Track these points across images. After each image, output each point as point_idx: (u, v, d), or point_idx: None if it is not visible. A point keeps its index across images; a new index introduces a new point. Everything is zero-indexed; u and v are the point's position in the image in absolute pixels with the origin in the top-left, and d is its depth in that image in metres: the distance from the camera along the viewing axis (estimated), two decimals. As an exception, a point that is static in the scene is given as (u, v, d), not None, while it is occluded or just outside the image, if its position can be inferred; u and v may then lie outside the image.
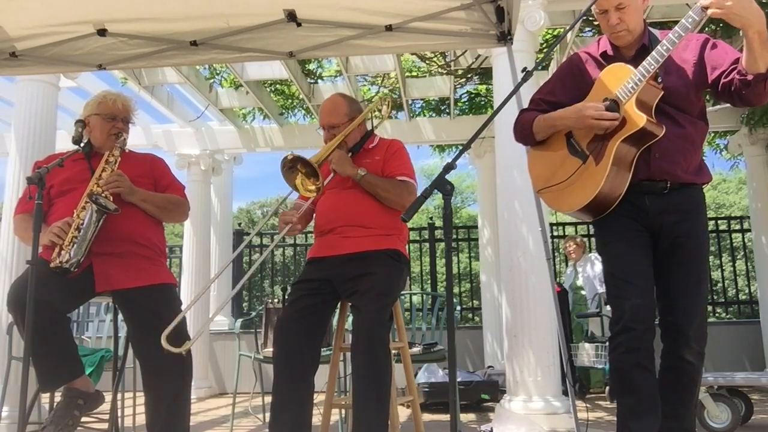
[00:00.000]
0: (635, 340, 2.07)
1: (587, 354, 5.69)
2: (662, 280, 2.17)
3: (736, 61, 2.07)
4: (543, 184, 2.30)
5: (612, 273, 2.19)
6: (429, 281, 9.02)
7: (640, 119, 2.04)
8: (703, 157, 2.33)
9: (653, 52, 2.06)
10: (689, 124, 2.17)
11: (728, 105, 5.88)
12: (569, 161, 2.20)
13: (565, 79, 2.34)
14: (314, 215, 2.81)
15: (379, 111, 2.88)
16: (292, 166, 2.56)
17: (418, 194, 1.84)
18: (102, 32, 3.22)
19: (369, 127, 2.86)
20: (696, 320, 2.12)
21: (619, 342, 2.10)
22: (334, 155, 2.64)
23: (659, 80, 2.11)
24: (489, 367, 6.42)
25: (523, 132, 2.34)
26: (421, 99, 6.82)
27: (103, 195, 2.50)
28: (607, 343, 2.21)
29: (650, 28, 2.25)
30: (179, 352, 2.32)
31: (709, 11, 1.97)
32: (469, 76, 6.10)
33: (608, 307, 6.14)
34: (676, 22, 5.51)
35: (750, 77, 2.00)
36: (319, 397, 2.60)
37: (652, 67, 2.05)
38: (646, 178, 2.14)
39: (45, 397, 2.93)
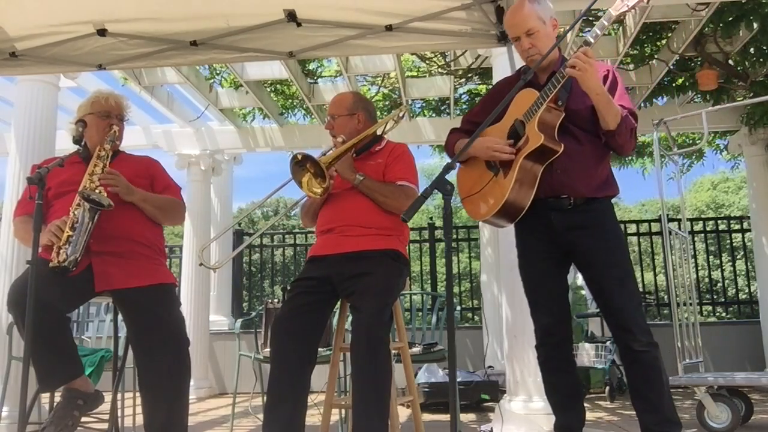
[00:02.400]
0: (552, 351, 2.44)
1: (587, 354, 5.69)
2: (591, 287, 2.42)
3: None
4: (464, 194, 2.55)
5: (525, 294, 2.51)
6: (429, 281, 9.01)
7: (538, 138, 2.26)
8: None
9: (552, 80, 2.27)
10: (590, 143, 2.36)
11: (728, 105, 5.89)
12: (485, 174, 2.44)
13: (489, 103, 2.54)
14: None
15: (394, 121, 2.92)
16: (302, 164, 2.59)
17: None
18: (102, 32, 3.22)
19: (378, 132, 2.87)
20: (631, 316, 2.29)
21: (541, 353, 2.47)
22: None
23: (560, 103, 2.31)
24: (489, 367, 6.42)
25: (448, 152, 2.62)
26: (421, 99, 6.82)
27: (97, 191, 2.49)
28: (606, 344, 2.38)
29: (565, 57, 2.46)
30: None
31: (570, 70, 2.20)
32: (469, 76, 6.10)
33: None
34: (676, 22, 5.51)
35: (603, 130, 2.29)
36: (319, 397, 2.60)
37: (550, 91, 2.26)
38: (551, 194, 2.35)
39: (45, 397, 2.92)
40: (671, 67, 5.48)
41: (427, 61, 5.99)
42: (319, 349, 2.61)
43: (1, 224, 4.23)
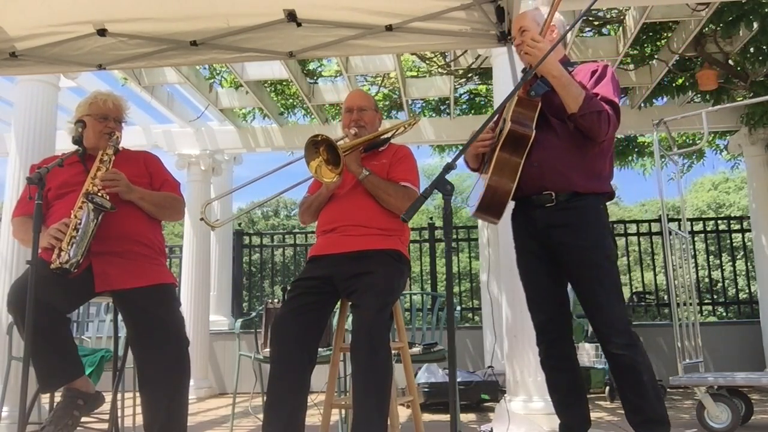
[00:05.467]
0: (548, 350, 2.45)
1: (587, 354, 5.69)
2: (573, 287, 2.43)
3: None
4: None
5: (524, 291, 2.52)
6: (429, 281, 9.01)
7: (507, 126, 2.31)
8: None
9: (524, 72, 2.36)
10: (571, 136, 2.33)
11: (728, 105, 5.89)
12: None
13: None
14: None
15: (405, 128, 2.94)
16: (317, 146, 2.55)
17: (419, 197, 1.86)
18: (102, 32, 3.22)
19: (389, 135, 2.89)
20: (606, 318, 2.28)
21: (539, 350, 2.48)
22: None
23: (532, 93, 2.30)
24: (489, 367, 6.42)
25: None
26: (421, 99, 6.81)
27: (99, 194, 2.49)
28: None
29: (570, 60, 2.53)
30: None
31: (522, 55, 2.32)
32: (469, 76, 6.10)
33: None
34: (676, 22, 5.51)
35: (567, 115, 2.28)
36: (319, 397, 2.60)
37: (520, 84, 2.27)
38: (534, 191, 2.36)
39: (45, 397, 2.92)
40: (671, 67, 5.47)
41: (427, 61, 5.98)
42: (319, 349, 2.61)
43: (1, 224, 4.23)
